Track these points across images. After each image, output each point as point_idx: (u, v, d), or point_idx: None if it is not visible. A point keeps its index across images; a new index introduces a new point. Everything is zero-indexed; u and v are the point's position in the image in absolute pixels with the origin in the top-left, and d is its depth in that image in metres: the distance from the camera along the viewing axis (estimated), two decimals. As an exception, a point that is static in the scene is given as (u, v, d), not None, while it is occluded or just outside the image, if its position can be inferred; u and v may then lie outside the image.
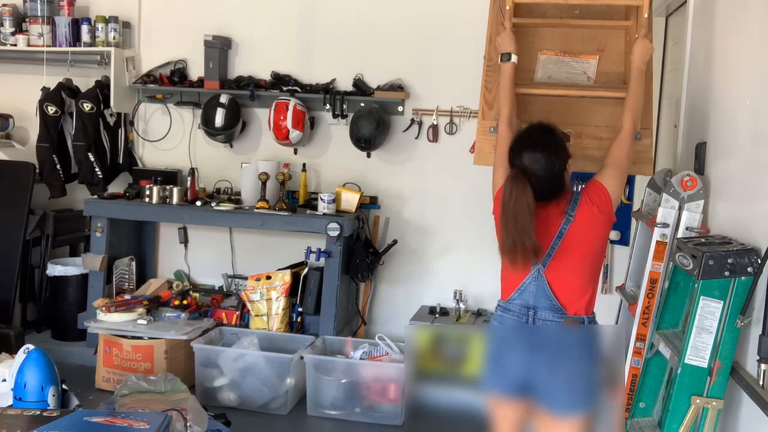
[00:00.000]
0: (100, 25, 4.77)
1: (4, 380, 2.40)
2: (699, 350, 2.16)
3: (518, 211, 2.23)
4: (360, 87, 4.63)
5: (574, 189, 2.40)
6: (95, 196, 4.69)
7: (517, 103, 2.65)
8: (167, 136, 4.99)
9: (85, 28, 4.79)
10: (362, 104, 4.59)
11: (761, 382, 1.95)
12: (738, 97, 2.42)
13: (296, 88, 4.67)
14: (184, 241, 5.03)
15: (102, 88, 4.79)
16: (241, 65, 4.87)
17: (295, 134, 4.54)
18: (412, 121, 4.63)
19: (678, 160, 3.16)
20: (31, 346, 2.35)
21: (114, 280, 4.54)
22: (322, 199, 4.35)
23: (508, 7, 2.72)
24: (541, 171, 2.29)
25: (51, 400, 2.24)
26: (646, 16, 2.66)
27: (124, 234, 4.74)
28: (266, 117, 4.66)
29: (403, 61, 4.63)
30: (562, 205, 2.33)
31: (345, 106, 4.62)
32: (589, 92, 2.82)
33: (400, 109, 4.64)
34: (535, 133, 2.38)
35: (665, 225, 2.64)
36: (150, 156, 5.06)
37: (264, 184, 4.38)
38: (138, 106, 4.99)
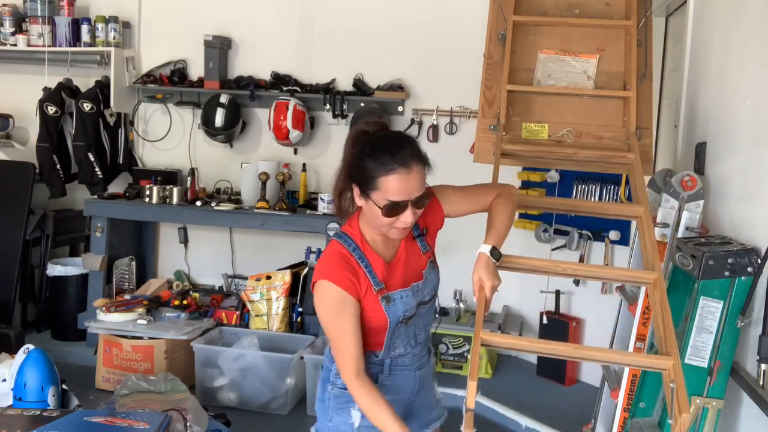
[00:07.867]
0: (100, 25, 4.77)
1: (4, 380, 2.39)
2: (699, 350, 2.15)
3: None
4: (360, 87, 4.63)
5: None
6: (95, 196, 4.69)
7: (517, 102, 2.63)
8: (167, 136, 4.99)
9: (85, 28, 4.79)
10: (362, 104, 4.59)
11: (761, 382, 1.95)
12: (738, 97, 2.42)
13: (296, 88, 4.67)
14: (184, 241, 5.03)
15: (102, 88, 4.80)
16: (241, 65, 4.87)
17: (295, 134, 4.54)
18: (412, 121, 4.63)
19: (678, 160, 3.15)
20: (31, 346, 2.34)
21: (114, 280, 4.54)
22: (322, 199, 4.35)
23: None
24: None
25: (51, 400, 2.24)
26: None
27: (124, 234, 4.74)
28: (266, 117, 4.66)
29: (403, 61, 4.63)
30: None
31: (345, 106, 4.62)
32: (588, 91, 2.82)
33: (400, 109, 4.64)
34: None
35: (665, 225, 2.63)
36: (150, 156, 5.06)
37: (264, 184, 4.38)
38: (138, 106, 4.99)
